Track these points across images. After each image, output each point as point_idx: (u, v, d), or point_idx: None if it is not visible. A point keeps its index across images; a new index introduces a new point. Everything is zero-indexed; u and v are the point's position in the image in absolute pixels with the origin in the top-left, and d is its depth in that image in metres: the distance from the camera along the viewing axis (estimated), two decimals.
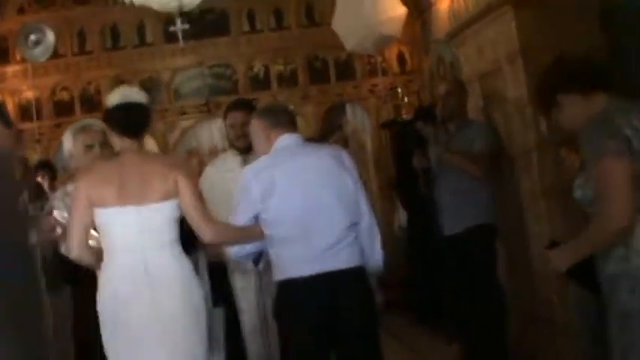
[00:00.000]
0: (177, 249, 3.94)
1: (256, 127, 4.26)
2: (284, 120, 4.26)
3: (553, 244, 3.30)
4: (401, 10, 9.67)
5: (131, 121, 3.96)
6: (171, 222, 3.90)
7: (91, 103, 10.92)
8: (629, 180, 2.87)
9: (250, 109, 5.12)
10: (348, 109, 11.36)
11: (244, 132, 4.88)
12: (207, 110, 11.16)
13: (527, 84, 5.40)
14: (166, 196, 3.85)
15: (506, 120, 5.82)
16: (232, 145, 5.32)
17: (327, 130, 10.47)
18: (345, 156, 4.25)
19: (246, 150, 5.05)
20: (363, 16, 9.35)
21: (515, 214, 5.80)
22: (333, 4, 9.96)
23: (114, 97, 4.03)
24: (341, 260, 3.99)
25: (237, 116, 5.17)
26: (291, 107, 10.82)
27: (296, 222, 3.98)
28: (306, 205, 3.99)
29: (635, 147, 2.90)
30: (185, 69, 11.31)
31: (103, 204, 3.83)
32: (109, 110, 4.01)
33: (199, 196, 4.03)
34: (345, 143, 10.27)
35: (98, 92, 10.93)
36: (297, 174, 4.06)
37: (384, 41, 9.86)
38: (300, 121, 11.08)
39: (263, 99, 11.23)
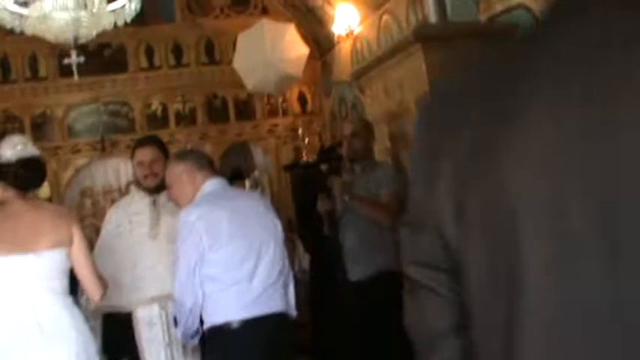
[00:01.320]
0: (69, 299, 3.75)
1: (179, 170, 4.13)
2: (206, 163, 4.21)
3: None
4: (303, 51, 9.64)
5: (29, 180, 3.74)
6: (61, 271, 3.69)
7: None
8: None
9: (159, 146, 4.92)
10: (255, 150, 11.22)
11: (153, 170, 4.70)
12: (102, 148, 10.82)
13: None
14: (57, 245, 3.65)
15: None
16: (139, 185, 4.98)
17: (236, 172, 10.22)
18: (266, 200, 4.26)
19: (155, 190, 4.78)
20: (265, 56, 9.27)
21: None
22: (234, 42, 9.86)
23: (7, 150, 3.70)
24: (275, 303, 4.02)
25: (146, 153, 4.83)
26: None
27: (242, 263, 3.93)
28: (249, 246, 3.96)
29: None
30: (80, 105, 10.99)
31: None
32: (1, 166, 3.68)
33: (89, 251, 3.88)
34: (256, 186, 10.15)
35: None
36: (239, 216, 4.02)
37: (286, 81, 9.79)
38: None
39: (161, 138, 10.97)
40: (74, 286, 3.92)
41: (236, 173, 9.02)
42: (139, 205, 4.86)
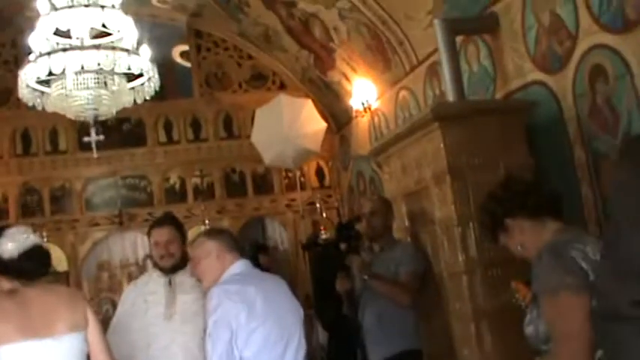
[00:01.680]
0: None
1: (209, 248, 4.11)
2: (235, 246, 4.20)
3: None
4: (321, 125, 9.69)
5: (36, 269, 3.62)
6: (79, 355, 3.55)
7: None
8: (588, 316, 2.69)
9: (176, 227, 4.90)
10: (268, 224, 11.18)
11: (170, 251, 4.71)
12: (120, 222, 10.83)
13: (455, 204, 5.29)
14: (75, 328, 3.53)
15: (434, 241, 5.68)
16: (156, 265, 4.94)
17: (259, 246, 10.17)
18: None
19: (171, 270, 4.78)
20: (283, 131, 9.32)
21: (444, 337, 5.60)
22: (252, 117, 9.93)
23: (8, 247, 3.58)
24: None
25: (162, 233, 4.83)
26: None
27: (274, 346, 3.87)
28: (281, 328, 3.92)
29: (592, 280, 2.74)
30: (98, 179, 11.04)
31: (2, 342, 3.38)
32: (4, 262, 3.55)
33: (103, 333, 3.75)
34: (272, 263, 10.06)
35: (5, 200, 10.54)
36: (270, 297, 3.97)
37: (304, 156, 9.82)
38: None
39: (178, 212, 10.98)
40: None
41: (260, 247, 8.93)
42: (154, 284, 4.83)
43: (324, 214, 10.70)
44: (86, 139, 7.36)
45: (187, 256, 4.83)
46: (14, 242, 3.59)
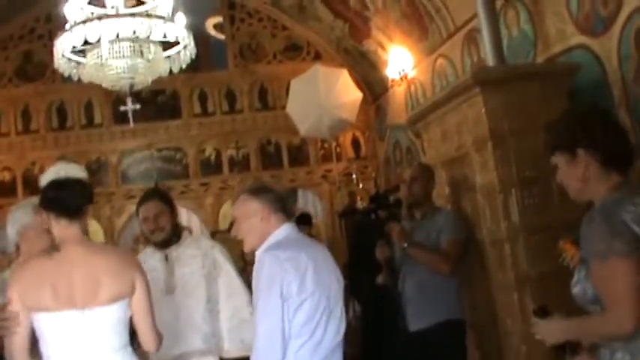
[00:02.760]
0: (128, 354, 3.44)
1: (254, 208, 3.70)
2: (283, 206, 3.76)
3: (543, 311, 3.01)
4: (356, 95, 9.61)
5: (67, 200, 3.40)
6: (121, 325, 3.40)
7: (35, 184, 10.53)
8: (638, 282, 2.62)
9: (162, 199, 4.78)
10: (300, 194, 11.11)
11: (160, 225, 4.63)
12: None
13: (497, 170, 5.19)
14: (118, 297, 3.35)
15: (475, 208, 5.59)
16: (148, 241, 4.83)
17: (303, 215, 10.15)
18: None
19: (164, 244, 4.68)
20: (319, 101, 9.25)
21: (487, 306, 5.53)
22: (287, 87, 9.87)
23: (47, 175, 3.50)
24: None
25: (149, 208, 4.71)
26: None
27: (320, 317, 3.55)
28: (326, 300, 3.58)
29: None
30: (134, 151, 11.06)
31: (39, 308, 3.27)
32: (42, 190, 3.47)
33: (151, 302, 3.54)
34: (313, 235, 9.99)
35: (42, 173, 10.58)
36: (319, 266, 3.62)
37: (339, 126, 9.74)
38: None
39: (214, 184, 10.99)
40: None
41: (303, 217, 8.74)
42: (152, 261, 4.65)
43: (361, 185, 10.62)
44: (122, 108, 7.33)
45: (180, 228, 4.82)
46: (54, 170, 3.50)
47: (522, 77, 5.47)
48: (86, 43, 6.25)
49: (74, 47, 6.39)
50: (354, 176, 10.71)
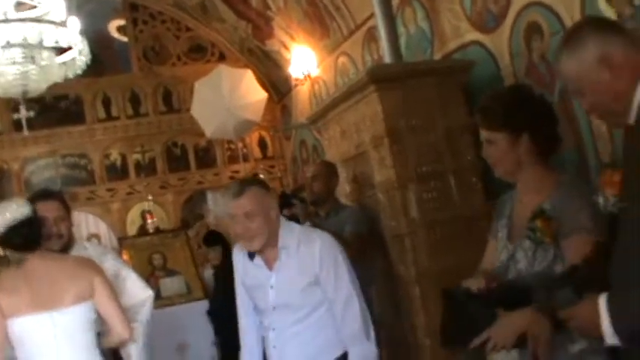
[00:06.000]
0: (94, 353, 3.77)
1: (269, 204, 3.79)
2: None
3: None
4: (261, 95, 9.60)
5: (19, 241, 3.70)
6: (87, 325, 3.73)
7: None
8: None
9: (64, 202, 4.43)
10: (210, 196, 11.04)
11: (60, 231, 4.25)
12: None
13: (395, 166, 5.25)
14: (81, 299, 3.69)
15: (375, 205, 5.63)
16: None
17: (188, 220, 10.16)
18: None
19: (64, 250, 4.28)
20: (223, 102, 9.21)
21: (392, 302, 5.58)
22: (192, 89, 9.79)
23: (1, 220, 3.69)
24: None
25: (50, 208, 4.22)
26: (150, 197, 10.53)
27: None
28: None
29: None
30: (37, 159, 10.79)
31: (15, 313, 3.61)
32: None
33: (115, 298, 3.86)
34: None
35: None
36: None
37: (245, 127, 9.72)
38: (159, 210, 10.75)
39: (121, 189, 10.84)
40: None
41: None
42: None
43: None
44: (16, 116, 7.17)
45: (72, 238, 4.44)
46: (4, 214, 3.70)
47: (418, 74, 5.54)
48: None
49: None
50: (261, 176, 10.68)
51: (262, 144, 11.54)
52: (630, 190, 2.35)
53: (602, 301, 2.26)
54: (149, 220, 10.44)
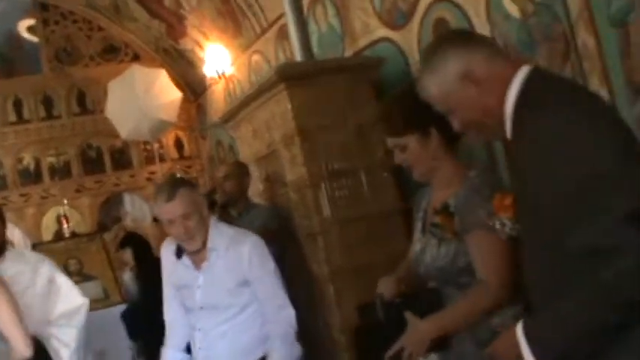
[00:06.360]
0: None
1: (201, 203, 3.97)
2: None
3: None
4: (176, 95, 9.51)
5: None
6: None
7: None
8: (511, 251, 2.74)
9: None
10: (127, 198, 10.87)
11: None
12: None
13: (306, 165, 5.24)
14: None
15: (289, 203, 5.61)
16: None
17: (105, 223, 10.01)
18: None
19: None
20: (137, 103, 9.10)
21: (307, 300, 5.56)
22: (106, 90, 9.63)
23: None
24: None
25: None
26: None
27: None
28: None
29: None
30: None
31: None
32: None
33: (15, 310, 3.62)
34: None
35: None
36: None
37: (161, 127, 9.62)
38: (75, 214, 10.54)
39: (34, 194, 10.61)
40: None
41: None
42: None
43: None
44: None
45: (5, 244, 4.36)
46: None
47: (327, 72, 5.53)
48: None
49: None
50: (178, 177, 10.57)
51: (179, 144, 11.41)
52: (522, 206, 2.36)
53: (519, 329, 2.23)
54: (65, 225, 10.23)
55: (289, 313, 3.96)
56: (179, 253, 3.97)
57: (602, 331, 2.07)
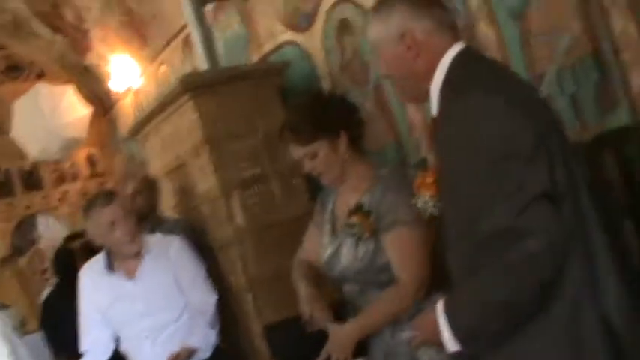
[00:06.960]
0: None
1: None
2: None
3: None
4: (84, 111, 9.35)
5: None
6: None
7: None
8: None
9: None
10: (40, 220, 10.60)
11: None
12: None
13: (216, 175, 5.16)
14: None
15: (201, 215, 5.52)
16: None
17: (20, 247, 9.75)
18: None
19: None
20: (44, 122, 8.93)
21: (228, 311, 5.49)
22: (11, 111, 9.38)
23: None
24: None
25: None
26: None
27: None
28: None
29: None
30: None
31: None
32: None
33: None
34: (41, 259, 9.59)
35: None
36: None
37: (71, 145, 9.44)
38: None
39: None
40: None
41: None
42: None
43: None
44: None
45: None
46: None
47: (232, 79, 5.46)
48: None
49: None
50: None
51: (91, 161, 11.16)
52: (444, 184, 2.36)
53: (440, 306, 2.25)
54: None
55: (212, 298, 4.52)
56: (110, 265, 4.22)
57: (509, 312, 2.09)
